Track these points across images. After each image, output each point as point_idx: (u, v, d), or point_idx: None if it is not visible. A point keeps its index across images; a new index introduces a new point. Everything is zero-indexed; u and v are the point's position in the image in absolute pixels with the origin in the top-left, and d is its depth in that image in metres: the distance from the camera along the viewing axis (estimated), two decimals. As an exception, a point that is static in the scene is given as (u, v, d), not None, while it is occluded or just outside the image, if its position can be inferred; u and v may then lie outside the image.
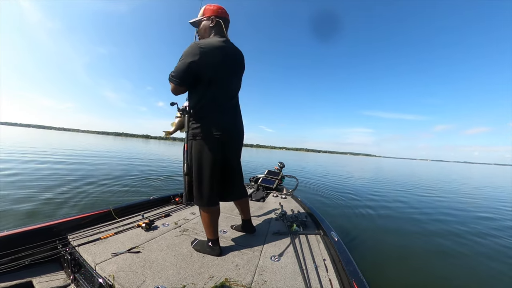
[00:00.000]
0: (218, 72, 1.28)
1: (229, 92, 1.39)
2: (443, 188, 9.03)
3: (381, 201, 5.54)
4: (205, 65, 1.23)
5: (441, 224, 3.88)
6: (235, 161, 1.52)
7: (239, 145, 1.51)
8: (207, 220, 1.38)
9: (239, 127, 1.47)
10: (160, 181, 5.82)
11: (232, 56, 1.37)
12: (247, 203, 1.68)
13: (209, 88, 1.29)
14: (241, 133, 1.49)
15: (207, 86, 1.28)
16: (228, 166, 1.45)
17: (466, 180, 14.23)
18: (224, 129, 1.32)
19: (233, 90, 1.43)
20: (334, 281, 1.20)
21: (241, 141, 1.52)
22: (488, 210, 5.21)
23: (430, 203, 5.67)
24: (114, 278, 1.08)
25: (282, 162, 4.07)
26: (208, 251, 1.39)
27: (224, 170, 1.43)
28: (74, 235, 1.47)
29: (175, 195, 2.45)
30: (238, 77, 1.47)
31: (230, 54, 1.35)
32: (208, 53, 1.23)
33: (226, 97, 1.36)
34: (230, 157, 1.44)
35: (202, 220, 1.41)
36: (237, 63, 1.42)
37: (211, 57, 1.24)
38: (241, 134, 1.50)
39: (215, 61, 1.26)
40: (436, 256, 2.66)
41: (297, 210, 2.44)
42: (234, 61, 1.39)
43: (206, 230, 1.41)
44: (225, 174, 1.45)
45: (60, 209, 3.13)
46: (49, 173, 5.27)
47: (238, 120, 1.46)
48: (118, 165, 7.97)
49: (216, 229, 1.42)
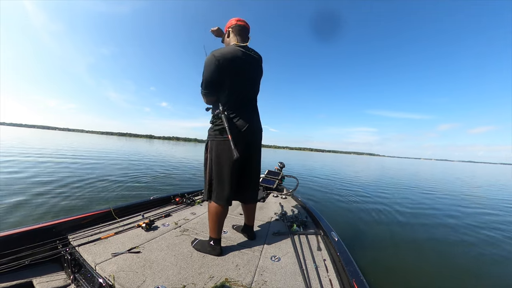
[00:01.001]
0: (234, 77, 1.36)
1: (247, 96, 1.46)
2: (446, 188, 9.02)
3: (381, 201, 5.53)
4: (222, 73, 1.32)
5: (442, 224, 3.88)
6: (255, 162, 1.55)
7: (257, 147, 1.55)
8: (215, 218, 1.39)
9: (256, 129, 1.51)
10: (161, 181, 5.83)
11: (247, 62, 1.42)
12: (254, 208, 1.69)
13: (229, 93, 1.37)
14: (259, 135, 1.54)
15: (227, 91, 1.37)
16: (248, 167, 1.49)
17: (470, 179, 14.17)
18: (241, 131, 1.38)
19: (251, 94, 1.49)
20: (334, 281, 1.20)
21: (259, 143, 1.57)
22: (492, 211, 5.20)
23: (432, 204, 5.65)
24: (114, 278, 1.08)
25: (282, 162, 4.07)
26: (209, 251, 1.40)
27: (243, 171, 1.47)
28: (74, 235, 1.47)
29: (175, 195, 2.45)
30: (256, 82, 1.52)
31: (245, 60, 1.40)
32: (223, 62, 1.31)
33: (244, 100, 1.43)
34: (250, 158, 1.48)
35: (210, 218, 1.41)
36: (253, 68, 1.47)
37: (226, 65, 1.31)
38: (259, 137, 1.55)
39: (231, 68, 1.33)
40: (436, 256, 2.66)
41: (297, 210, 2.44)
42: (250, 66, 1.44)
43: (211, 229, 1.41)
44: (243, 175, 1.48)
45: (60, 209, 3.13)
46: (50, 172, 5.28)
47: (255, 122, 1.50)
48: (119, 164, 7.97)
49: (221, 229, 1.43)
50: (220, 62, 1.30)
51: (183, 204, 2.36)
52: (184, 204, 2.35)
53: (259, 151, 1.57)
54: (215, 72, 1.31)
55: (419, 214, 4.54)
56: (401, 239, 3.15)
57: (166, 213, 2.02)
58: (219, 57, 1.30)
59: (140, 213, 1.97)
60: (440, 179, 12.99)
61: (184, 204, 2.36)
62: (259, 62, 1.53)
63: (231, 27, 1.48)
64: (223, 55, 1.32)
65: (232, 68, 1.33)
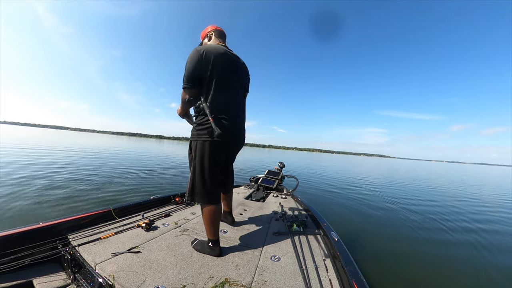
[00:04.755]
0: (219, 72, 1.32)
1: (233, 94, 1.43)
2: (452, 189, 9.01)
3: (382, 201, 5.54)
4: (205, 65, 1.29)
5: (443, 225, 3.88)
6: (232, 161, 1.68)
7: (239, 148, 1.61)
8: (208, 219, 1.39)
9: (241, 131, 1.53)
10: (160, 180, 5.82)
11: (230, 59, 1.41)
12: (232, 195, 1.90)
13: (212, 89, 1.32)
14: (242, 137, 1.57)
15: (211, 87, 1.32)
16: (227, 166, 1.62)
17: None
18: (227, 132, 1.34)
19: (237, 92, 1.48)
20: (334, 281, 1.20)
21: (242, 145, 1.60)
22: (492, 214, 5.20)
23: (436, 206, 5.64)
24: (114, 278, 1.08)
25: (282, 162, 4.07)
26: (208, 252, 1.39)
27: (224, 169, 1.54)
28: (74, 235, 1.47)
29: (175, 195, 2.45)
30: (242, 80, 1.53)
31: (228, 56, 1.39)
32: (207, 54, 1.29)
33: (229, 98, 1.39)
34: (230, 158, 1.58)
35: (204, 220, 1.42)
36: (237, 66, 1.46)
37: (209, 57, 1.29)
38: (243, 138, 1.58)
39: (214, 61, 1.30)
40: (436, 256, 2.66)
41: (297, 210, 2.44)
42: (233, 63, 1.43)
43: (207, 230, 1.41)
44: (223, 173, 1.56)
45: (59, 209, 3.14)
46: (51, 172, 5.28)
47: (241, 124, 1.52)
48: (119, 165, 7.97)
49: (217, 229, 1.42)
50: (202, 55, 1.27)
51: (183, 204, 2.36)
52: (184, 204, 2.35)
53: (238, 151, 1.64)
54: (198, 64, 1.27)
55: (421, 215, 4.54)
56: (401, 239, 3.16)
57: (166, 213, 2.02)
58: (201, 50, 1.28)
59: (140, 213, 1.97)
60: (450, 182, 12.87)
61: (184, 204, 2.36)
62: (243, 63, 1.55)
63: (213, 31, 1.52)
64: (206, 48, 1.30)
65: (215, 61, 1.30)
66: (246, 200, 2.82)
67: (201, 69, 1.28)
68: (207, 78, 1.30)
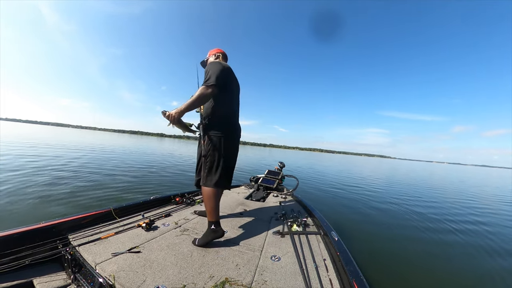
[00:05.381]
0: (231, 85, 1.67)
1: (236, 103, 1.78)
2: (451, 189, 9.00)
3: (383, 201, 5.53)
4: (228, 76, 1.61)
5: (443, 225, 3.88)
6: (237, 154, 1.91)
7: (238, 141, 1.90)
8: (213, 203, 1.54)
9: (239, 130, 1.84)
10: (161, 180, 5.82)
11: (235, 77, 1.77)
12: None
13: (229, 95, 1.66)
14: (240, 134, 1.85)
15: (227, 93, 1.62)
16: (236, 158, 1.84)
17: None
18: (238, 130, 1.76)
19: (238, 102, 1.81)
20: (334, 281, 1.20)
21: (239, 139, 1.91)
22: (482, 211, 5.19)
23: (436, 207, 5.65)
24: (114, 278, 1.08)
25: (283, 162, 4.07)
26: (213, 236, 1.48)
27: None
28: (75, 235, 1.47)
29: (176, 195, 2.45)
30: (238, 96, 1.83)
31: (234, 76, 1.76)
32: (229, 69, 1.64)
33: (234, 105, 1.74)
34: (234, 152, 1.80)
35: (207, 204, 1.55)
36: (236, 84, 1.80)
37: (229, 72, 1.64)
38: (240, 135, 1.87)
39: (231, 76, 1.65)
40: (436, 256, 2.66)
41: (297, 210, 2.44)
42: (236, 81, 1.79)
43: (211, 213, 1.53)
44: None
45: (59, 209, 3.14)
46: (49, 171, 5.28)
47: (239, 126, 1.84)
48: (120, 164, 7.97)
49: (218, 210, 1.58)
50: (227, 68, 1.61)
51: (183, 204, 2.36)
52: (184, 204, 2.35)
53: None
54: (224, 72, 1.54)
55: (421, 215, 4.54)
56: (402, 239, 3.15)
57: (166, 213, 2.02)
58: (226, 65, 1.61)
59: (140, 213, 1.97)
60: (449, 182, 12.84)
61: (184, 204, 2.36)
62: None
63: (220, 53, 1.87)
64: (227, 65, 1.64)
65: (231, 76, 1.66)
66: (246, 200, 2.82)
67: (226, 77, 1.57)
68: (227, 85, 1.59)
